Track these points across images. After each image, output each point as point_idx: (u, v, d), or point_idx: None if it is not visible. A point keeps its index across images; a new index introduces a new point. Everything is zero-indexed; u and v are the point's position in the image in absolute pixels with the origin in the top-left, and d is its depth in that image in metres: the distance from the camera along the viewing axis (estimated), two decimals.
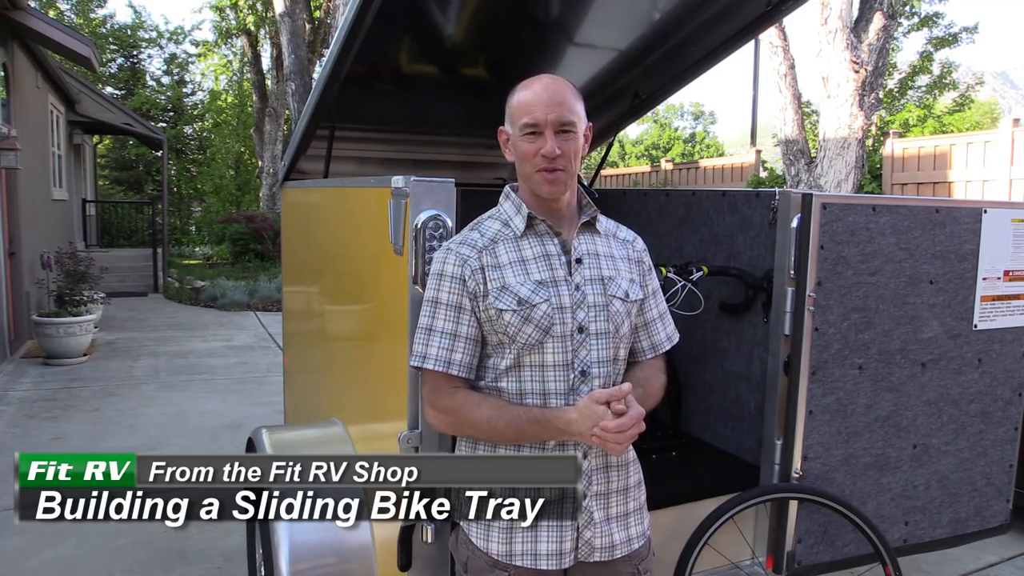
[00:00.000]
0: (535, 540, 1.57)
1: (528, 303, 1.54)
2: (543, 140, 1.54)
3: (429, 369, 1.56)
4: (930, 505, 2.52)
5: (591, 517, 1.59)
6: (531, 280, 1.56)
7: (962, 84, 18.42)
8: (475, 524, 1.61)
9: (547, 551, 1.57)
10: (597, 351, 1.57)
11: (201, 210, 22.72)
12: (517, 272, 1.56)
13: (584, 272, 1.59)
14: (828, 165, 8.29)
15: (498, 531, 1.58)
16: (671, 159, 23.08)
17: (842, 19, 7.97)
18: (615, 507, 1.63)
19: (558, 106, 1.54)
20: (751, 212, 2.54)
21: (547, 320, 1.54)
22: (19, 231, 7.91)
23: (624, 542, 1.63)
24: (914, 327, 2.39)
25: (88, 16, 23.36)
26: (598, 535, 1.60)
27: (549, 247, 1.60)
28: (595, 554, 1.60)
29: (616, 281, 1.61)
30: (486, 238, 1.60)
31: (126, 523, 1.49)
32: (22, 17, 7.82)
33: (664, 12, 2.70)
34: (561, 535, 1.57)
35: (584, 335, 1.57)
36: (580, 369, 1.56)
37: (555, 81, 1.59)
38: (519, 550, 1.57)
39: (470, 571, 1.64)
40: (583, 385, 1.56)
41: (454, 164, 3.69)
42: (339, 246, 2.51)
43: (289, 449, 2.29)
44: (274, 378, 6.94)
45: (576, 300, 1.57)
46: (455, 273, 1.57)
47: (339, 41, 2.32)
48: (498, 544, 1.58)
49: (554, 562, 1.57)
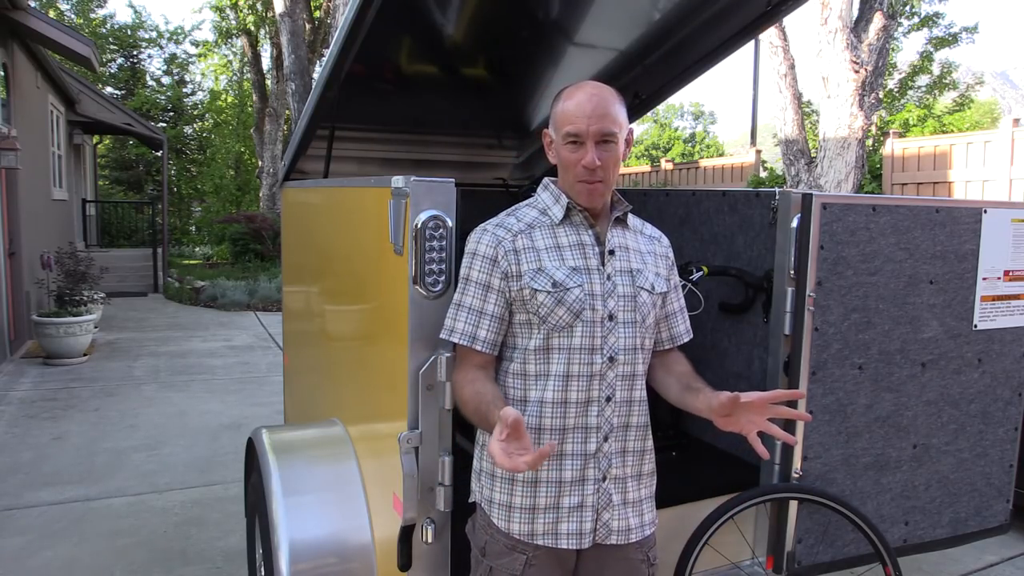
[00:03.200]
0: (556, 520, 1.63)
1: (562, 286, 1.61)
2: (584, 151, 1.59)
3: (455, 342, 1.66)
4: (930, 505, 2.52)
5: (610, 500, 1.65)
6: (566, 266, 1.63)
7: (962, 84, 18.43)
8: (496, 506, 1.66)
9: (567, 530, 1.63)
10: (624, 339, 1.64)
11: (201, 210, 22.71)
12: (552, 257, 1.64)
13: (615, 264, 1.67)
14: (828, 165, 8.29)
15: (520, 512, 1.63)
16: (671, 159, 23.07)
17: (842, 19, 7.97)
18: (631, 492, 1.69)
19: (600, 118, 1.58)
20: (751, 212, 2.54)
21: (579, 304, 1.61)
22: (19, 231, 7.91)
23: (638, 527, 1.69)
24: (914, 327, 2.39)
25: (88, 16, 23.37)
26: (616, 517, 1.65)
27: (584, 237, 1.67)
28: (612, 536, 1.65)
29: (644, 274, 1.70)
30: (522, 223, 1.68)
31: (126, 522, 1.49)
32: (22, 17, 7.82)
33: (664, 12, 2.70)
34: (582, 515, 1.63)
35: (614, 323, 1.64)
36: (609, 355, 1.63)
37: (599, 89, 1.63)
38: (541, 530, 1.62)
39: (488, 555, 1.67)
40: (610, 371, 1.63)
41: (454, 164, 3.69)
42: (339, 246, 2.51)
43: (289, 449, 2.29)
44: (274, 378, 6.95)
45: (607, 289, 1.64)
46: (487, 253, 1.64)
47: (339, 41, 2.32)
48: (520, 524, 1.63)
49: (575, 541, 1.63)
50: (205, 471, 4.57)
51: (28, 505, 4.03)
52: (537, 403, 1.62)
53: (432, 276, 1.76)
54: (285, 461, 2.18)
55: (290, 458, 2.21)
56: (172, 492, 4.25)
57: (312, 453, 2.32)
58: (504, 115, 3.40)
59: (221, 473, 4.52)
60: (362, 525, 2.05)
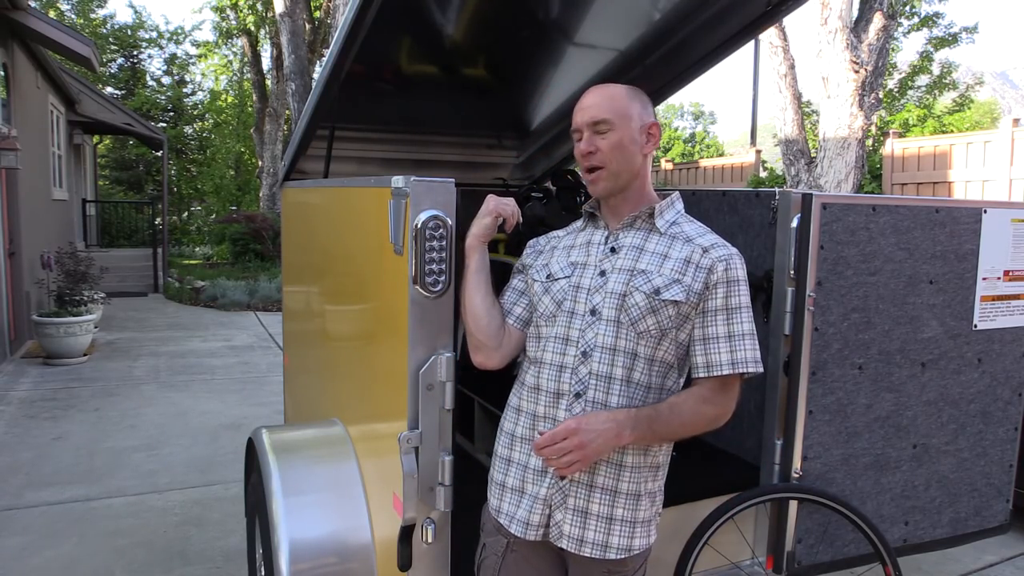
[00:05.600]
0: (518, 504, 1.67)
1: (553, 277, 1.69)
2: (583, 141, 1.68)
3: None
4: (930, 505, 2.52)
5: (564, 500, 1.62)
6: (567, 260, 1.71)
7: (962, 84, 18.42)
8: (490, 479, 1.77)
9: (520, 517, 1.66)
10: (604, 336, 1.60)
11: (202, 209, 22.71)
12: (562, 254, 1.73)
13: (616, 261, 1.65)
14: (828, 165, 8.29)
15: (495, 487, 1.73)
16: (671, 159, 23.07)
17: (842, 19, 7.97)
18: (597, 504, 1.61)
19: (590, 108, 1.66)
20: (751, 212, 2.54)
21: (561, 295, 1.66)
22: (19, 231, 7.91)
23: (598, 544, 1.61)
24: (914, 327, 2.39)
25: (88, 16, 23.36)
26: (568, 521, 1.62)
27: (595, 236, 1.72)
28: (563, 540, 1.63)
29: (648, 276, 1.60)
30: (564, 231, 1.82)
31: (126, 522, 1.49)
32: (22, 17, 7.82)
33: (664, 12, 2.70)
34: (532, 505, 1.64)
35: (595, 318, 1.62)
36: (583, 349, 1.61)
37: (602, 87, 1.70)
38: (504, 509, 1.69)
39: (484, 531, 1.77)
40: (583, 366, 1.60)
41: (454, 164, 3.69)
42: (339, 246, 2.51)
43: (289, 449, 2.29)
44: (274, 378, 6.95)
45: (596, 284, 1.64)
46: (526, 252, 1.84)
47: (339, 41, 2.32)
48: (493, 498, 1.73)
49: (521, 529, 1.65)
50: (205, 471, 4.57)
51: (28, 505, 4.03)
52: (520, 384, 1.73)
53: (432, 276, 1.76)
54: (285, 461, 2.18)
55: (290, 458, 2.21)
56: (172, 492, 4.25)
57: (312, 453, 2.32)
58: (504, 115, 3.39)
59: (221, 473, 4.52)
60: (362, 525, 2.05)
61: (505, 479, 1.70)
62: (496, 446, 1.77)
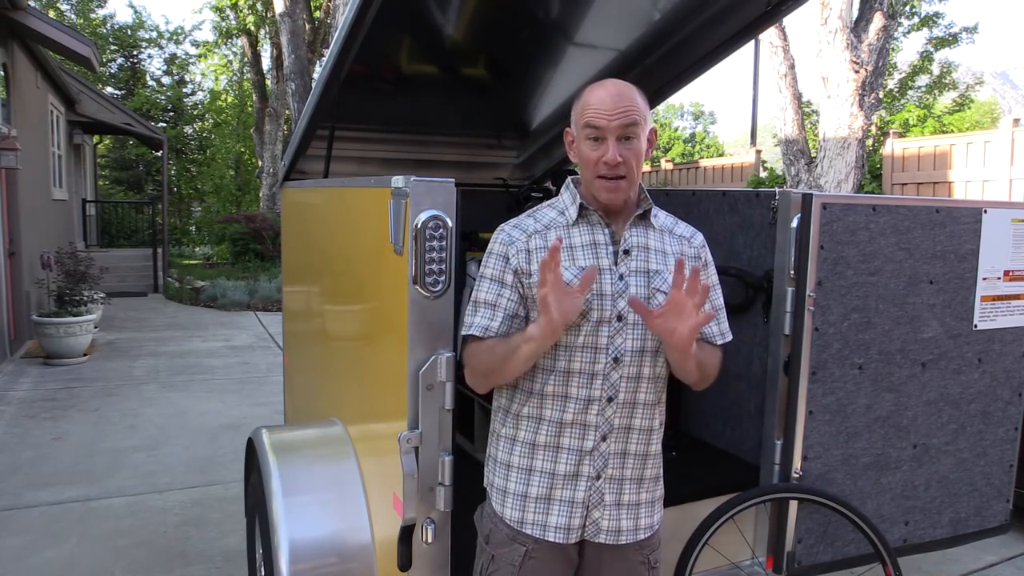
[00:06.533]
0: (547, 512, 1.64)
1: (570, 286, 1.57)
2: (606, 147, 1.58)
3: (470, 335, 1.65)
4: (930, 505, 2.52)
5: (602, 499, 1.65)
6: (575, 266, 1.62)
7: (962, 84, 18.44)
8: (496, 491, 1.70)
9: (556, 524, 1.64)
10: (632, 340, 1.62)
11: (201, 210, 22.71)
12: (564, 258, 1.63)
13: (630, 263, 1.65)
14: (828, 165, 8.29)
15: (513, 498, 1.66)
16: (671, 159, 23.07)
17: (842, 19, 7.97)
18: (627, 494, 1.67)
19: (622, 113, 1.57)
20: (751, 212, 2.54)
21: (586, 304, 1.59)
22: (19, 231, 7.91)
23: (631, 530, 1.67)
24: (914, 327, 2.39)
25: (88, 16, 23.36)
26: (606, 517, 1.65)
27: (598, 236, 1.66)
28: (601, 535, 1.65)
29: (662, 275, 1.65)
30: (540, 224, 1.68)
31: (126, 522, 1.49)
32: (22, 17, 7.82)
33: (664, 12, 2.70)
34: (571, 511, 1.64)
35: (622, 323, 1.62)
36: (614, 356, 1.61)
37: (621, 85, 1.62)
38: (530, 519, 1.65)
39: (492, 543, 1.70)
40: (614, 371, 1.62)
41: (454, 164, 3.69)
42: (339, 246, 2.51)
43: (289, 449, 2.29)
44: (274, 378, 6.95)
45: (618, 289, 1.62)
46: (499, 251, 1.66)
47: (339, 41, 2.32)
48: (512, 510, 1.66)
49: (561, 535, 1.64)
50: (205, 471, 4.57)
51: (28, 505, 4.03)
52: (539, 395, 1.64)
53: (432, 276, 1.76)
54: (285, 461, 2.18)
55: (290, 458, 2.21)
56: (172, 492, 4.24)
57: (312, 453, 2.32)
58: (504, 115, 3.40)
59: (221, 473, 4.52)
60: (362, 525, 2.05)
61: (527, 489, 1.65)
62: (504, 456, 1.69)
